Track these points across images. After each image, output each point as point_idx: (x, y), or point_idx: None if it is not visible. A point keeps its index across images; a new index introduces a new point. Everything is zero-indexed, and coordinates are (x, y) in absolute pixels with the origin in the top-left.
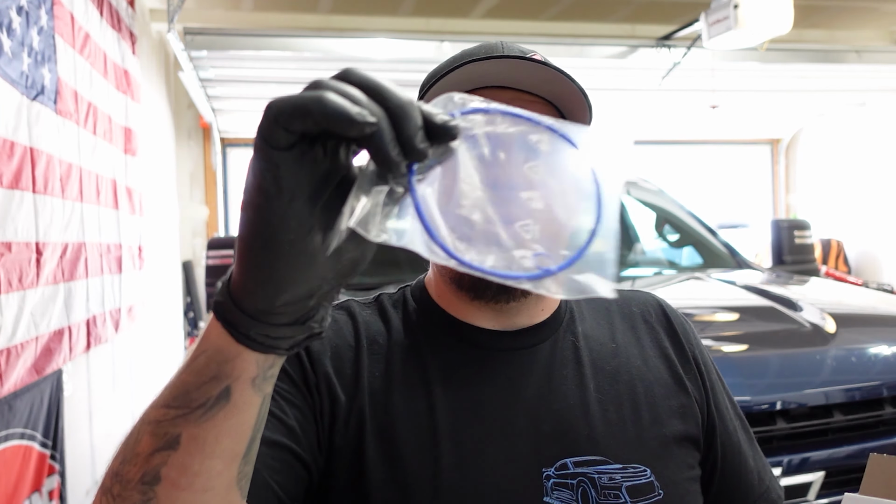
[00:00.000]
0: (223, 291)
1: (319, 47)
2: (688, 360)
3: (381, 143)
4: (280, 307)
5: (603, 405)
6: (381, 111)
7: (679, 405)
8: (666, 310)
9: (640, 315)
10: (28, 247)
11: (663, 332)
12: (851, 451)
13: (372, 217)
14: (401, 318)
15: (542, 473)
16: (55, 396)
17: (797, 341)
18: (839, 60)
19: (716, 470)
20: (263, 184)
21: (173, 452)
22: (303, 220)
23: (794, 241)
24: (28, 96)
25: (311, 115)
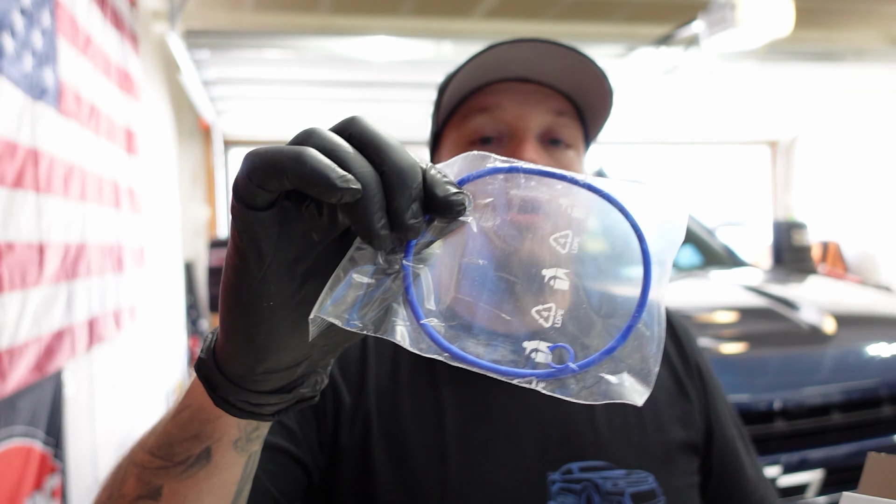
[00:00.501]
0: (207, 348)
1: (320, 48)
2: (689, 366)
3: (363, 214)
4: (261, 374)
5: (608, 411)
6: (373, 175)
7: (681, 411)
8: (669, 315)
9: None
10: (30, 247)
11: (667, 337)
12: (850, 450)
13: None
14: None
15: (547, 477)
16: (57, 396)
17: (796, 341)
18: (839, 61)
19: (712, 476)
20: (241, 245)
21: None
22: (283, 287)
23: (792, 242)
24: (31, 97)
25: (285, 175)
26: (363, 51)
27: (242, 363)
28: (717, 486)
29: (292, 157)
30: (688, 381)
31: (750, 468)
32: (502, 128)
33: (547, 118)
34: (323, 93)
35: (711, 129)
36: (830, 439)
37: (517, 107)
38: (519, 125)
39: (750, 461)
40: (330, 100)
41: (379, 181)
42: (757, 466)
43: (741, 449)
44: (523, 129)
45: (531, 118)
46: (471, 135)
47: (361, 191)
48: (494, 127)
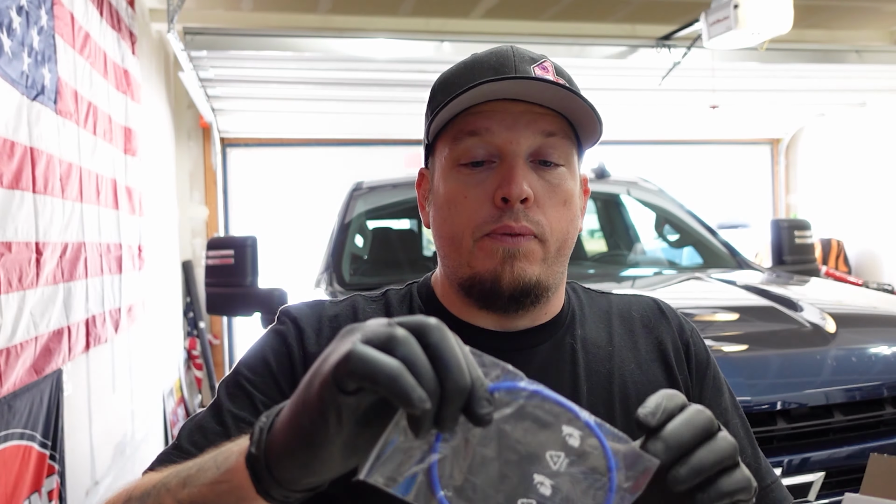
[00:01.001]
0: (259, 441)
1: (319, 47)
2: (682, 359)
3: (422, 421)
4: (304, 485)
5: (594, 407)
6: (437, 392)
7: None
8: (664, 309)
9: (639, 319)
10: (28, 247)
11: (661, 331)
12: (852, 451)
13: (388, 465)
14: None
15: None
16: (55, 396)
17: (797, 341)
18: (839, 60)
19: None
20: (326, 413)
21: None
22: (348, 443)
23: (794, 241)
24: (28, 96)
25: (379, 386)
26: (362, 50)
27: (293, 476)
28: None
29: (389, 377)
30: (680, 374)
31: (751, 458)
32: (493, 150)
33: (536, 140)
34: (322, 92)
35: (712, 128)
36: (832, 440)
37: (506, 131)
38: (508, 149)
39: (752, 452)
40: (329, 99)
41: (439, 394)
42: (760, 459)
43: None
44: (513, 152)
45: (520, 142)
46: (462, 157)
47: (430, 408)
48: (485, 150)
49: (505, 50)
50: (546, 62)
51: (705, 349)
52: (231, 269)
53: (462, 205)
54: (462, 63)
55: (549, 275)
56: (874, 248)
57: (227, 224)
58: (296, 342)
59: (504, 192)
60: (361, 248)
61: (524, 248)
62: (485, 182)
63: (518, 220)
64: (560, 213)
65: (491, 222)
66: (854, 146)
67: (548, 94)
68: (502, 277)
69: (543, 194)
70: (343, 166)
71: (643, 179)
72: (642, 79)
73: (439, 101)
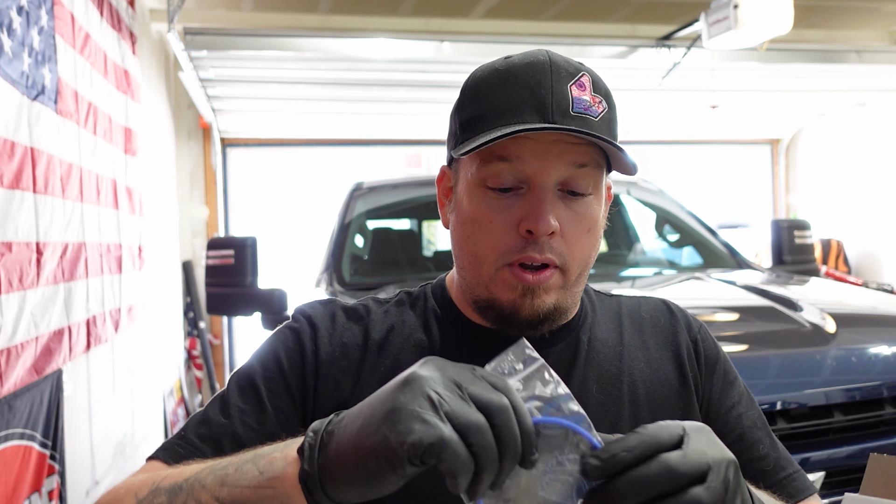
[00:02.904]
0: (312, 459)
1: (319, 47)
2: (692, 356)
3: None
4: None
5: (604, 406)
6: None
7: (682, 405)
8: (672, 309)
9: (648, 319)
10: (28, 247)
11: (671, 330)
12: (852, 451)
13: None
14: (418, 316)
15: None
16: (55, 396)
17: (797, 341)
18: (839, 60)
19: None
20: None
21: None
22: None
23: (794, 241)
24: (28, 96)
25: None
26: (362, 50)
27: (344, 496)
28: None
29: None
30: (690, 372)
31: (766, 447)
32: (522, 177)
33: (567, 171)
34: (322, 92)
35: (712, 128)
36: (832, 440)
37: (537, 160)
38: (538, 179)
39: (769, 442)
40: (329, 99)
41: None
42: (778, 449)
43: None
44: (542, 183)
45: (550, 173)
46: (489, 179)
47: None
48: (513, 177)
49: (542, 63)
50: (584, 77)
51: (714, 345)
52: (231, 269)
53: (487, 228)
54: (495, 70)
55: (567, 297)
56: (874, 248)
57: (227, 224)
58: (310, 341)
59: (531, 225)
60: (361, 248)
61: (545, 285)
62: (511, 208)
63: (542, 252)
64: (583, 241)
65: (514, 252)
66: (854, 146)
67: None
68: (521, 310)
69: (569, 225)
70: (343, 166)
71: (643, 179)
72: (642, 79)
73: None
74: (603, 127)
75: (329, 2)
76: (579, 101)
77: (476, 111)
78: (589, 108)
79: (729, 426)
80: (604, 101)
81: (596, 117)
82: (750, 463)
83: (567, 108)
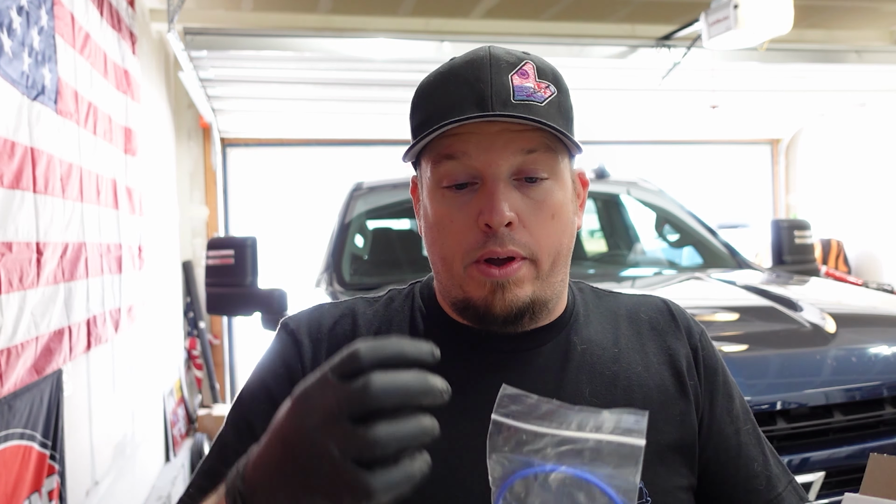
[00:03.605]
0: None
1: (319, 47)
2: (691, 364)
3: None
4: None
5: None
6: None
7: (679, 412)
8: (673, 311)
9: (647, 321)
10: (28, 247)
11: (670, 335)
12: (852, 451)
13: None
14: (405, 315)
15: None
16: (55, 396)
17: (797, 341)
18: (839, 60)
19: (708, 472)
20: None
21: None
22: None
23: (794, 241)
24: (29, 96)
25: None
26: (362, 50)
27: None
28: (720, 485)
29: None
30: (689, 379)
31: (760, 465)
32: (473, 173)
33: (517, 159)
34: (322, 92)
35: (712, 128)
36: (832, 440)
37: (483, 153)
38: (488, 171)
39: (762, 459)
40: (329, 99)
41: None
42: (772, 464)
43: (748, 444)
44: (492, 175)
45: (499, 163)
46: (443, 179)
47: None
48: (465, 172)
49: (481, 58)
50: (526, 65)
51: (714, 354)
52: (231, 269)
53: (449, 228)
54: (438, 73)
55: (545, 288)
56: (874, 249)
57: (227, 224)
58: (296, 361)
59: (486, 218)
60: (361, 248)
61: (514, 277)
62: (469, 204)
63: (504, 245)
64: (549, 228)
65: (477, 248)
66: (854, 146)
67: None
68: (494, 305)
69: (528, 213)
70: (343, 166)
71: (643, 179)
72: (642, 79)
73: (417, 118)
74: (551, 110)
75: (329, 2)
76: (521, 89)
77: (422, 115)
78: (533, 94)
79: (727, 443)
80: (552, 86)
81: (542, 102)
82: (745, 482)
83: (508, 97)
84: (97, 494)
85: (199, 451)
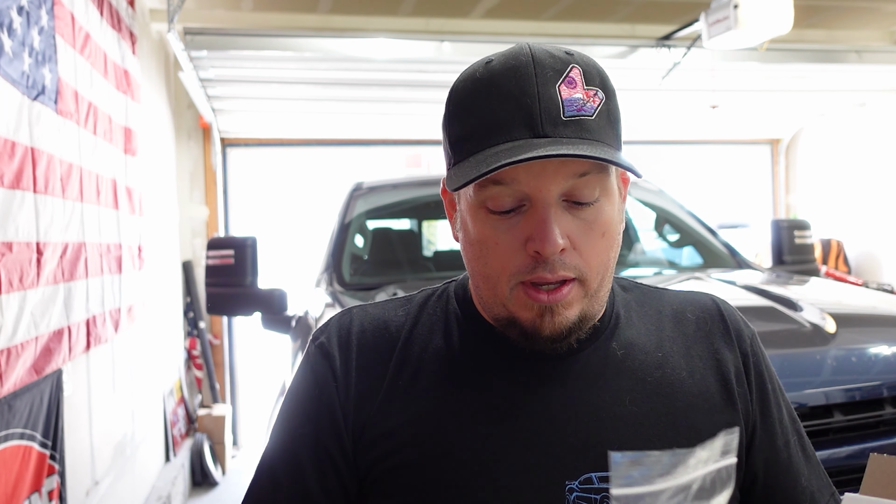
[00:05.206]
0: None
1: (319, 47)
2: (741, 372)
3: None
4: None
5: (637, 419)
6: None
7: (725, 423)
8: (724, 311)
9: (694, 321)
10: (28, 247)
11: (719, 338)
12: (851, 451)
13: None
14: (439, 319)
15: (565, 486)
16: (55, 396)
17: (797, 341)
18: (839, 60)
19: (755, 486)
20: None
21: None
22: None
23: (794, 241)
24: (29, 96)
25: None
26: (362, 50)
27: None
28: (763, 498)
29: None
30: (737, 386)
31: (806, 479)
32: (521, 197)
33: (567, 183)
34: (322, 92)
35: (712, 128)
36: (832, 440)
37: (534, 179)
38: (538, 196)
39: (808, 472)
40: (329, 99)
41: None
42: (818, 478)
43: (795, 458)
44: (543, 200)
45: (550, 189)
46: (488, 202)
47: None
48: (513, 198)
49: (524, 65)
50: (573, 70)
51: (765, 359)
52: (231, 269)
53: (494, 250)
54: (477, 81)
55: (593, 304)
56: (874, 249)
57: (227, 224)
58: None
59: (537, 246)
60: (361, 248)
61: (564, 301)
62: (516, 228)
63: (555, 272)
64: (599, 247)
65: (525, 272)
66: (854, 146)
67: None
68: (542, 329)
69: (579, 236)
70: (343, 166)
71: (643, 179)
72: (642, 79)
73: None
74: (601, 123)
75: (329, 2)
76: (570, 103)
77: (463, 130)
78: (583, 106)
79: (777, 456)
80: (599, 92)
81: (592, 115)
82: (792, 497)
83: (558, 113)
84: (97, 494)
85: (199, 451)
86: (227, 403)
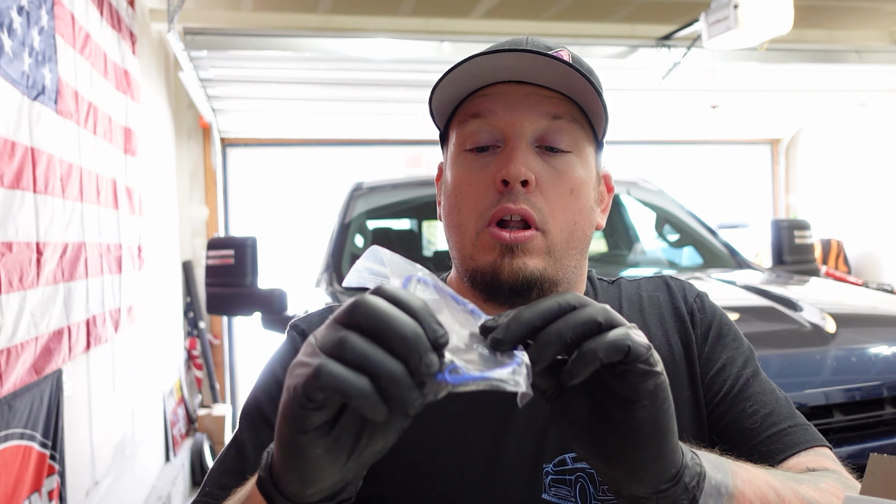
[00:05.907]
0: (266, 467)
1: (319, 47)
2: (687, 327)
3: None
4: (310, 494)
5: None
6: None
7: (693, 395)
8: (670, 284)
9: (647, 299)
10: (28, 247)
11: (669, 308)
12: (852, 451)
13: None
14: None
15: (542, 469)
16: (55, 396)
17: (797, 341)
18: (839, 60)
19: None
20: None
21: None
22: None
23: (794, 241)
24: (29, 96)
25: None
26: (362, 50)
27: (295, 487)
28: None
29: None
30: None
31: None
32: (496, 133)
33: (541, 123)
34: (322, 92)
35: (712, 128)
36: (832, 440)
37: (509, 112)
38: (511, 131)
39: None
40: (329, 99)
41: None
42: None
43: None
44: (515, 135)
45: (524, 124)
46: (467, 140)
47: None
48: (489, 134)
49: (520, 37)
50: (563, 51)
51: (712, 309)
52: (231, 269)
53: (467, 191)
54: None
55: (558, 269)
56: (874, 249)
57: (227, 224)
58: None
59: (503, 173)
60: (361, 248)
61: (524, 245)
62: (488, 166)
63: (517, 203)
64: (566, 201)
65: (491, 207)
66: (854, 146)
67: (550, 74)
68: (501, 271)
69: (547, 179)
70: (343, 166)
71: (643, 179)
72: (642, 79)
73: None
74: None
75: (329, 2)
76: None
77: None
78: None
79: (715, 387)
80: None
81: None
82: (733, 424)
83: (545, 48)
84: (97, 494)
85: (199, 451)
86: (227, 403)
